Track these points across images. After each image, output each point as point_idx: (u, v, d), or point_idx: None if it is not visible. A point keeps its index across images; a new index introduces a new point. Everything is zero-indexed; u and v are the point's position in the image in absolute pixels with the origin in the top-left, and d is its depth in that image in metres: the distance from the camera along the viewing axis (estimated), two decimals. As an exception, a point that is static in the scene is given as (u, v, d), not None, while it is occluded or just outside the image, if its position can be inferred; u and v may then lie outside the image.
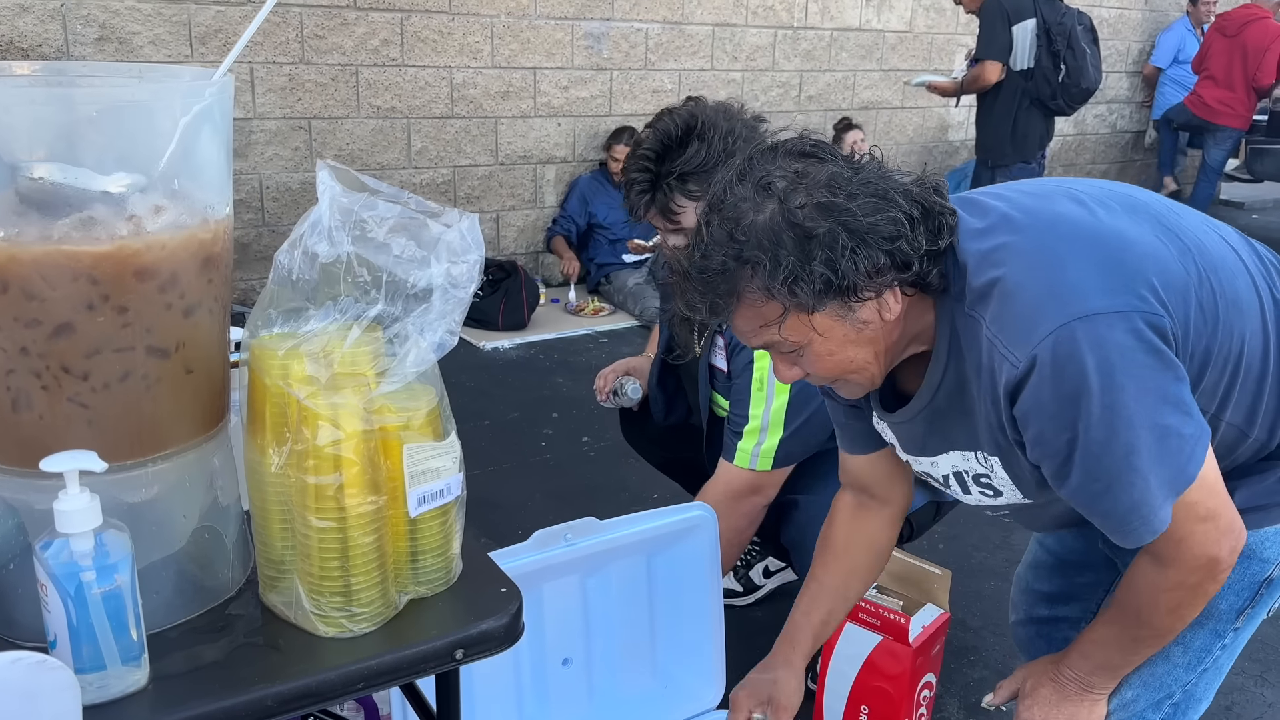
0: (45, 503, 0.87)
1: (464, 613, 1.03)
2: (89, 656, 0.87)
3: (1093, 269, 1.09)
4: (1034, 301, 1.08)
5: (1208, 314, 1.14)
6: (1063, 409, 1.06)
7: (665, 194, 1.71)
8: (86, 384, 0.90)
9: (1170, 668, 1.33)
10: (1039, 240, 1.12)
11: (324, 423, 0.93)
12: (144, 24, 4.08)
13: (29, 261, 0.85)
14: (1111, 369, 1.04)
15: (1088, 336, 1.05)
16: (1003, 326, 1.08)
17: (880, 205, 1.06)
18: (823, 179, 1.07)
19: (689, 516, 1.68)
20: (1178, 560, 1.15)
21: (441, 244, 0.97)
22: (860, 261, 1.04)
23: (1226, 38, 6.48)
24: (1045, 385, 1.06)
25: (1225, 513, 1.14)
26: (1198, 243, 1.18)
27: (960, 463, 1.27)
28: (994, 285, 1.09)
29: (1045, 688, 1.34)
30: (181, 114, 0.90)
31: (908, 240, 1.06)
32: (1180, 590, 1.17)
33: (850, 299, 1.07)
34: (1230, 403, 1.20)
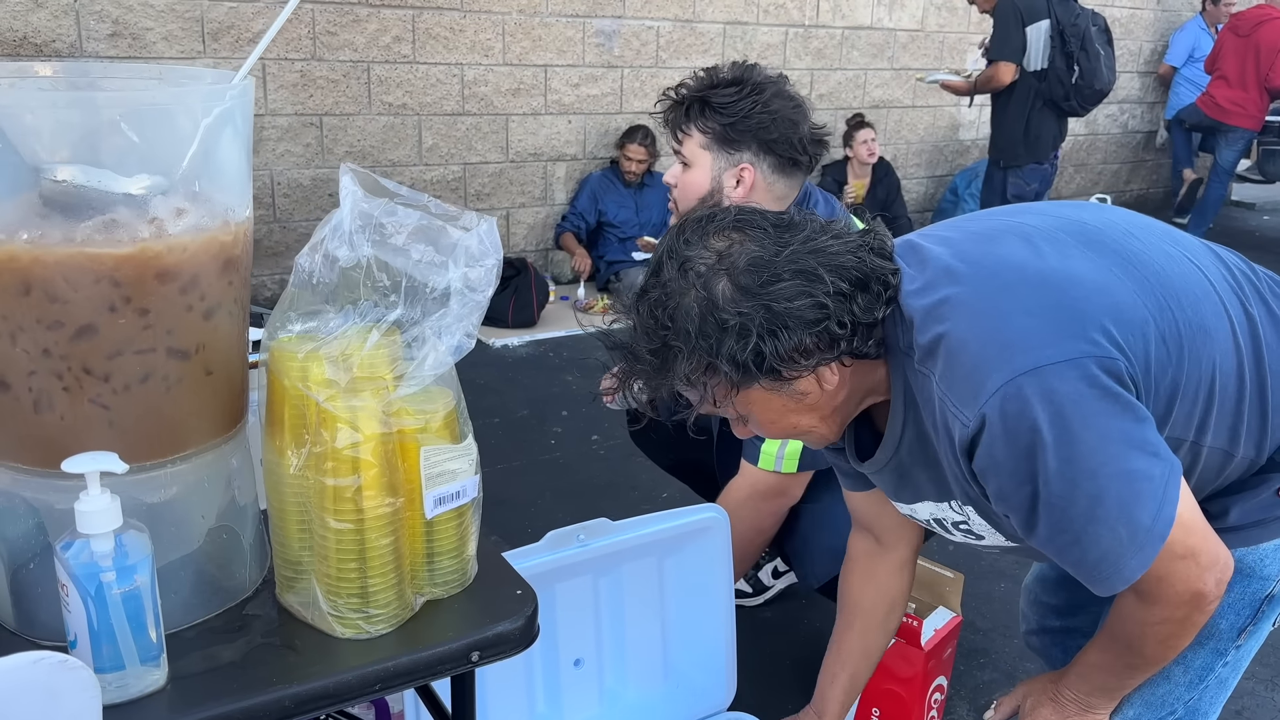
0: (65, 503, 0.87)
1: (480, 615, 1.04)
2: (109, 656, 0.88)
3: (1037, 317, 1.06)
4: (978, 357, 1.05)
5: (1171, 346, 1.10)
6: (1019, 465, 1.04)
7: (686, 114, 1.79)
8: (108, 385, 0.90)
9: (1172, 687, 1.31)
10: (980, 290, 1.09)
11: (343, 425, 0.94)
12: (156, 20, 4.09)
13: (52, 264, 0.85)
14: (1065, 421, 1.01)
15: (1036, 390, 1.02)
16: (950, 385, 1.06)
17: (803, 287, 1.04)
18: (743, 262, 1.06)
19: (701, 518, 1.68)
20: (1160, 598, 1.13)
21: (459, 248, 0.97)
22: (780, 345, 1.04)
23: (1239, 38, 6.44)
24: (997, 443, 1.04)
25: (1206, 548, 1.10)
26: (1158, 271, 1.14)
27: (936, 511, 1.26)
28: (939, 342, 1.07)
29: (1045, 708, 1.33)
30: (203, 116, 0.90)
31: (834, 319, 1.05)
32: (1168, 624, 1.15)
33: (779, 377, 1.07)
34: (1209, 428, 1.16)
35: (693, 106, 1.79)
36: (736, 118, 1.74)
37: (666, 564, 1.70)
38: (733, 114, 1.74)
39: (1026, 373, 1.02)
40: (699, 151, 1.80)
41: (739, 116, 1.74)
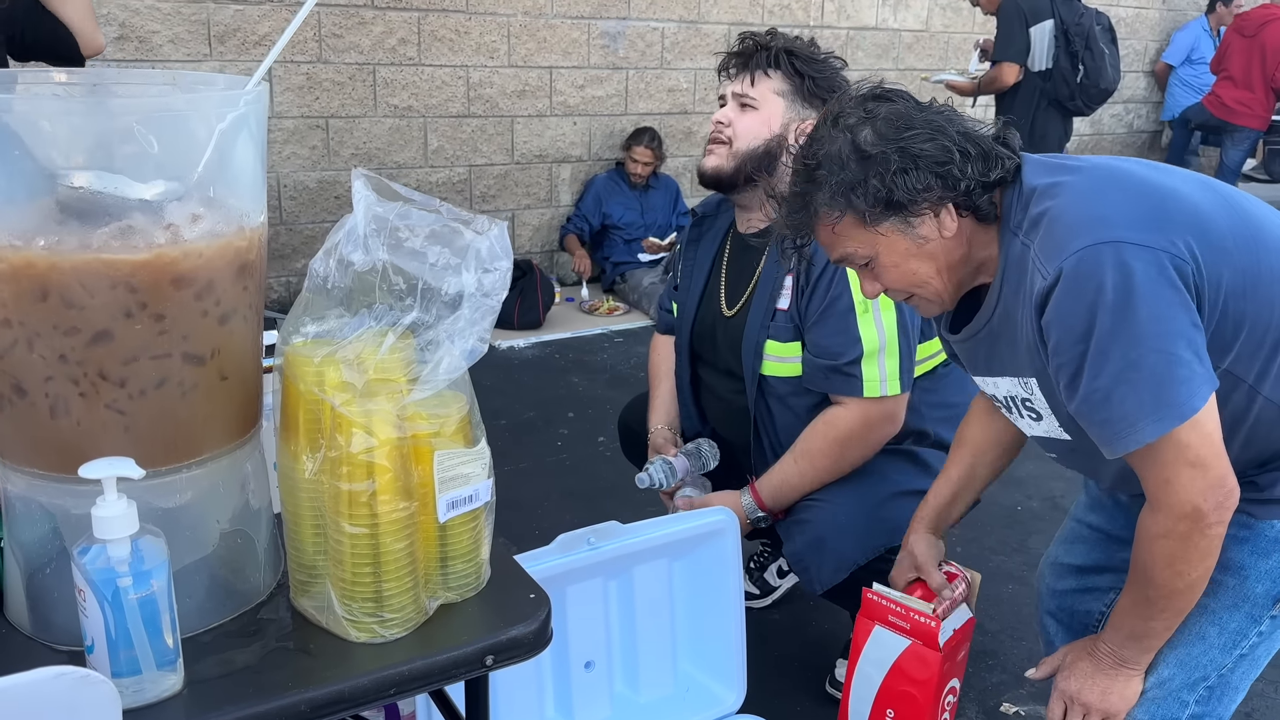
0: (81, 507, 0.88)
1: (494, 618, 1.04)
2: (125, 661, 0.88)
3: (1133, 208, 1.19)
4: (1072, 225, 1.19)
5: (1248, 279, 1.20)
6: (1078, 319, 1.16)
7: (774, 59, 1.88)
8: (124, 390, 0.91)
9: (1206, 647, 1.34)
10: (1093, 180, 1.24)
11: (358, 430, 0.94)
12: (163, 23, 4.10)
13: (69, 270, 0.86)
14: (1129, 290, 1.13)
15: (1112, 257, 1.14)
16: (1043, 246, 1.20)
17: (933, 136, 1.24)
18: (886, 114, 1.26)
19: (711, 521, 1.68)
20: (1163, 504, 1.20)
21: (472, 252, 0.98)
22: (910, 180, 1.22)
23: (1245, 38, 6.43)
24: (1066, 296, 1.16)
25: (1217, 465, 1.18)
26: (1257, 220, 1.26)
27: (1011, 388, 1.36)
28: (1044, 214, 1.22)
29: (1083, 661, 1.37)
30: (217, 122, 0.90)
31: (957, 166, 1.23)
32: (1170, 540, 1.21)
33: (906, 214, 1.24)
34: (1269, 377, 1.24)
35: (781, 54, 1.87)
36: (820, 76, 1.86)
37: (676, 567, 1.70)
38: (818, 71, 1.86)
39: (1108, 242, 1.15)
40: (772, 97, 1.87)
41: (823, 76, 1.86)
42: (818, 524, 1.86)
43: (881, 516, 1.88)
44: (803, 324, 1.87)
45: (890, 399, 1.84)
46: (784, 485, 1.89)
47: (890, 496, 1.89)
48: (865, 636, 1.65)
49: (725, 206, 2.09)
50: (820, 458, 1.86)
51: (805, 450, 1.87)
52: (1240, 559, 1.32)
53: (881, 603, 1.63)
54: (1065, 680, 1.38)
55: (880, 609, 1.63)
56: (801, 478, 1.88)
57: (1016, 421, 1.43)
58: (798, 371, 1.89)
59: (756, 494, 1.91)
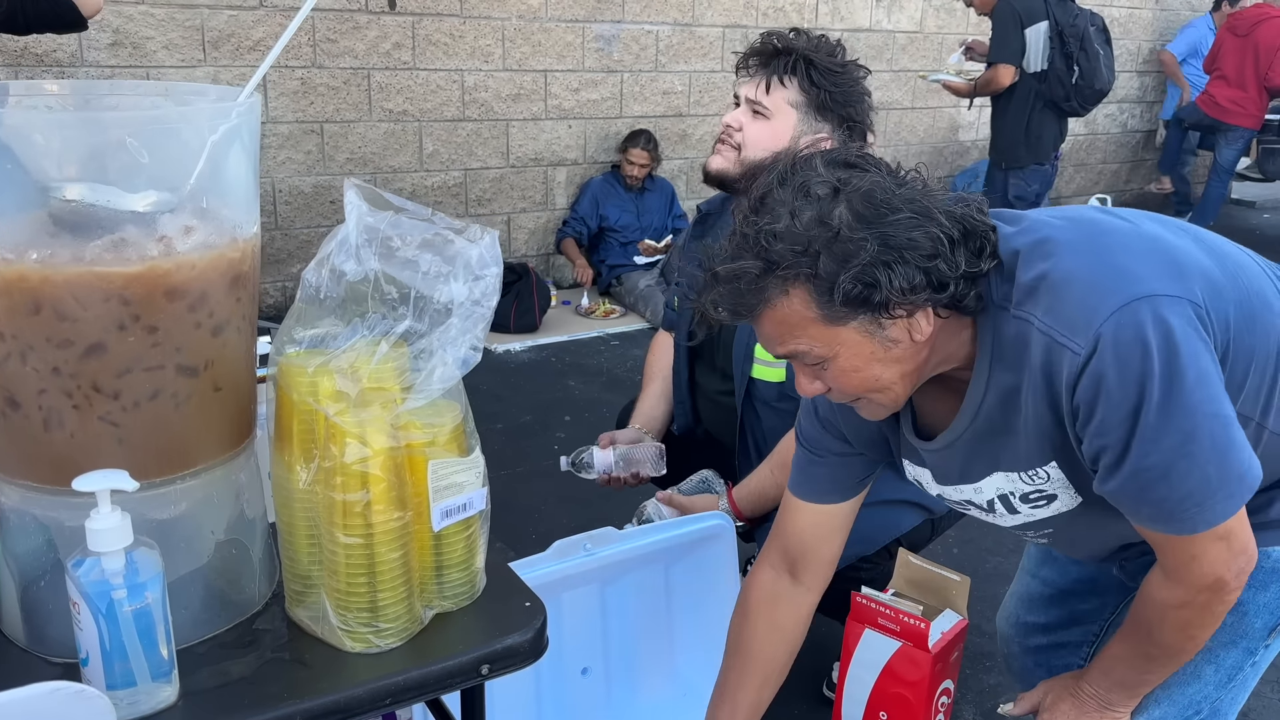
0: (75, 520, 0.88)
1: (489, 627, 1.04)
2: (120, 674, 0.88)
3: (1145, 258, 1.07)
4: (1090, 285, 1.04)
5: (1245, 313, 1.12)
6: (1127, 390, 1.02)
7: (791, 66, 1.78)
8: (117, 403, 0.91)
9: (1201, 685, 1.31)
10: (1083, 234, 1.11)
11: (352, 440, 0.94)
12: (157, 29, 4.10)
13: (61, 283, 0.86)
14: (1174, 351, 1.01)
15: (1150, 315, 1.02)
16: (1058, 316, 1.04)
17: (920, 221, 1.03)
18: (864, 188, 1.03)
19: (707, 525, 1.68)
20: (1185, 578, 1.12)
21: (461, 260, 0.98)
22: (895, 277, 1.01)
23: (1238, 37, 6.44)
24: (1109, 367, 1.02)
25: (1241, 533, 1.10)
26: (1221, 247, 1.19)
27: (1005, 484, 1.23)
28: (1042, 279, 1.06)
29: (1065, 703, 1.32)
30: (210, 133, 0.90)
31: (946, 260, 1.03)
32: (1188, 610, 1.15)
33: (881, 315, 1.04)
34: (1273, 409, 1.17)
35: (800, 62, 1.79)
36: (838, 89, 1.78)
37: (673, 572, 1.71)
38: (836, 84, 1.78)
39: (1142, 298, 1.02)
40: (786, 108, 1.80)
41: (840, 89, 1.78)
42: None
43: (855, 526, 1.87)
44: None
45: None
46: (760, 495, 1.89)
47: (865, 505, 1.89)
48: (856, 640, 1.65)
49: (730, 203, 2.09)
50: None
51: (781, 461, 1.86)
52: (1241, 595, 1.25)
53: (871, 606, 1.63)
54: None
55: (869, 612, 1.63)
56: (777, 487, 1.86)
57: (1000, 521, 1.30)
58: (783, 378, 1.89)
59: (733, 502, 1.92)
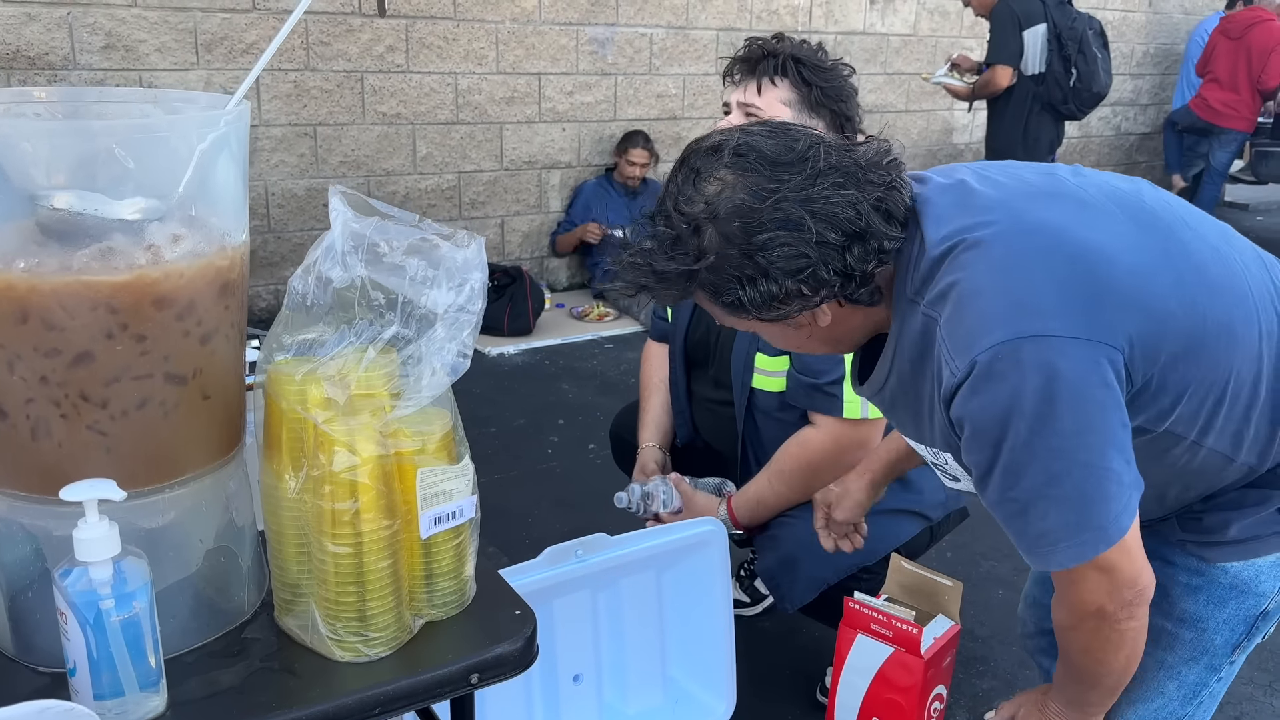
0: (63, 529, 0.87)
1: (479, 636, 1.04)
2: (108, 684, 0.88)
3: (1060, 290, 1.03)
4: (986, 309, 1.03)
5: (1192, 344, 1.08)
6: (991, 424, 1.03)
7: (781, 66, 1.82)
8: (105, 412, 0.90)
9: (1165, 701, 1.31)
10: (1011, 247, 1.06)
11: (340, 448, 0.94)
12: (150, 32, 4.09)
13: (49, 292, 0.85)
14: (1053, 396, 0.99)
15: (1034, 357, 1.00)
16: (952, 332, 1.05)
17: (784, 238, 1.04)
18: (728, 210, 1.06)
19: (699, 531, 1.68)
20: (1066, 602, 1.13)
21: (445, 265, 0.97)
22: (758, 293, 1.06)
23: (1231, 40, 6.47)
24: (977, 396, 1.02)
25: (1125, 567, 1.08)
26: (1199, 266, 1.12)
27: (924, 453, 1.27)
28: (953, 287, 1.06)
29: (1033, 717, 1.32)
30: (198, 141, 0.90)
31: (821, 267, 1.05)
32: (1080, 634, 1.15)
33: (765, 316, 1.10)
34: (1213, 430, 1.14)
35: (789, 62, 1.82)
36: (829, 85, 1.81)
37: (665, 578, 1.70)
38: (826, 80, 1.81)
39: (1030, 337, 1.00)
40: (779, 107, 1.82)
41: (831, 85, 1.81)
42: (789, 542, 1.86)
43: None
44: None
45: (867, 423, 1.84)
46: (758, 504, 1.89)
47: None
48: (849, 645, 1.65)
49: None
50: (792, 478, 1.86)
51: (778, 470, 1.87)
52: (1196, 610, 1.26)
53: (864, 611, 1.63)
54: None
55: (862, 618, 1.63)
56: (776, 497, 1.88)
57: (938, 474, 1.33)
58: (784, 387, 1.89)
59: (732, 512, 1.92)
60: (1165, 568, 1.25)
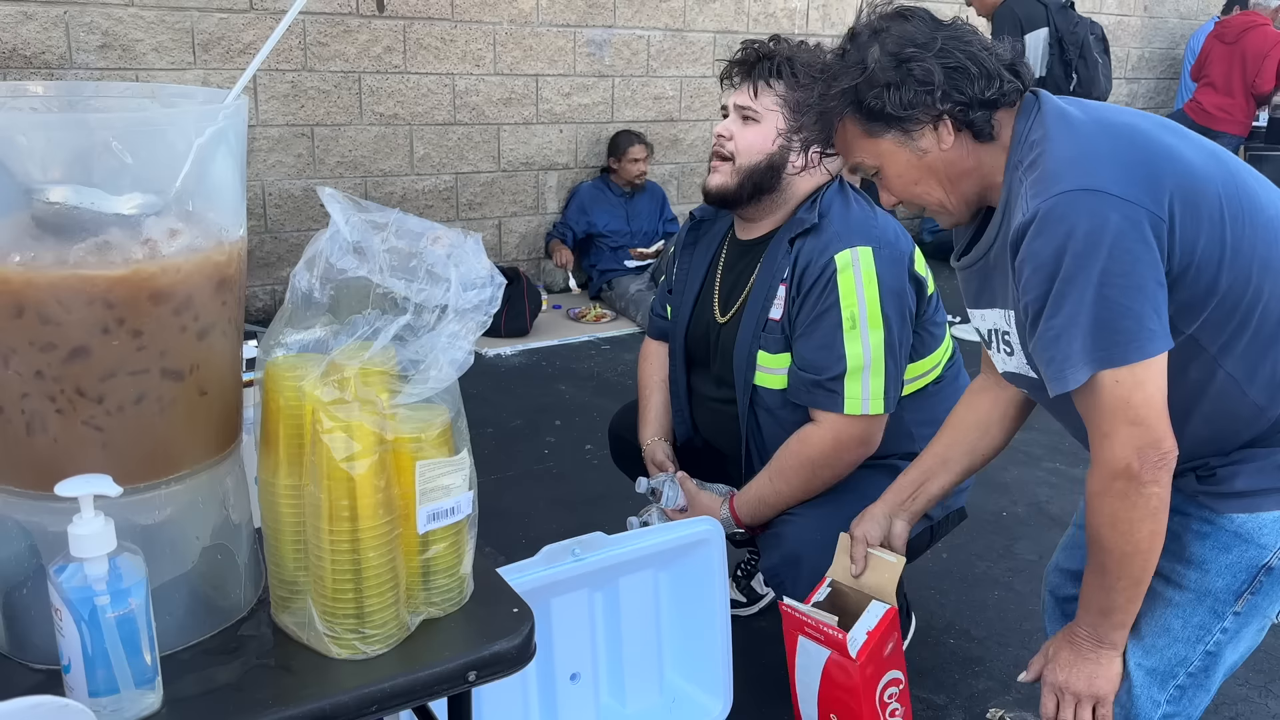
0: (58, 525, 0.87)
1: (476, 634, 1.03)
2: (103, 680, 0.87)
3: (1123, 160, 1.21)
4: (1058, 167, 1.22)
5: (1227, 251, 1.23)
6: (1046, 260, 1.19)
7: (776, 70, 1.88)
8: (101, 407, 0.90)
9: (1170, 640, 1.37)
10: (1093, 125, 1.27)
11: (339, 443, 0.93)
12: (147, 31, 4.09)
13: (45, 286, 0.85)
14: (1098, 240, 1.17)
15: (1088, 206, 1.17)
16: (1031, 183, 1.24)
17: (934, 54, 1.29)
18: (896, 33, 1.32)
19: (696, 531, 1.68)
20: (1099, 459, 1.23)
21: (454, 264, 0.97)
22: (901, 94, 1.29)
23: (1226, 45, 6.48)
24: (1038, 236, 1.20)
25: (1156, 426, 1.21)
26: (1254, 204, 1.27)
27: (996, 320, 1.40)
28: (1041, 153, 1.25)
29: (1064, 651, 1.38)
30: (196, 135, 0.90)
31: (951, 83, 1.28)
32: (1108, 498, 1.24)
33: (903, 126, 1.31)
34: (1233, 351, 1.27)
35: (784, 64, 1.85)
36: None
37: (662, 577, 1.70)
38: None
39: (1089, 190, 1.18)
40: (774, 111, 1.86)
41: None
42: (793, 540, 1.85)
43: None
44: (791, 334, 1.86)
45: (869, 419, 1.83)
46: (760, 502, 1.89)
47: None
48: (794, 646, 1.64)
49: (724, 211, 2.08)
50: (793, 475, 1.85)
51: (779, 468, 1.87)
52: (1201, 554, 1.35)
53: (796, 615, 1.61)
54: (1051, 672, 1.39)
55: (797, 621, 1.62)
56: (777, 495, 1.87)
57: (994, 357, 1.47)
58: (785, 384, 1.89)
59: (734, 511, 1.91)
60: (1180, 518, 1.36)
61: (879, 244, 1.81)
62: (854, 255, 1.78)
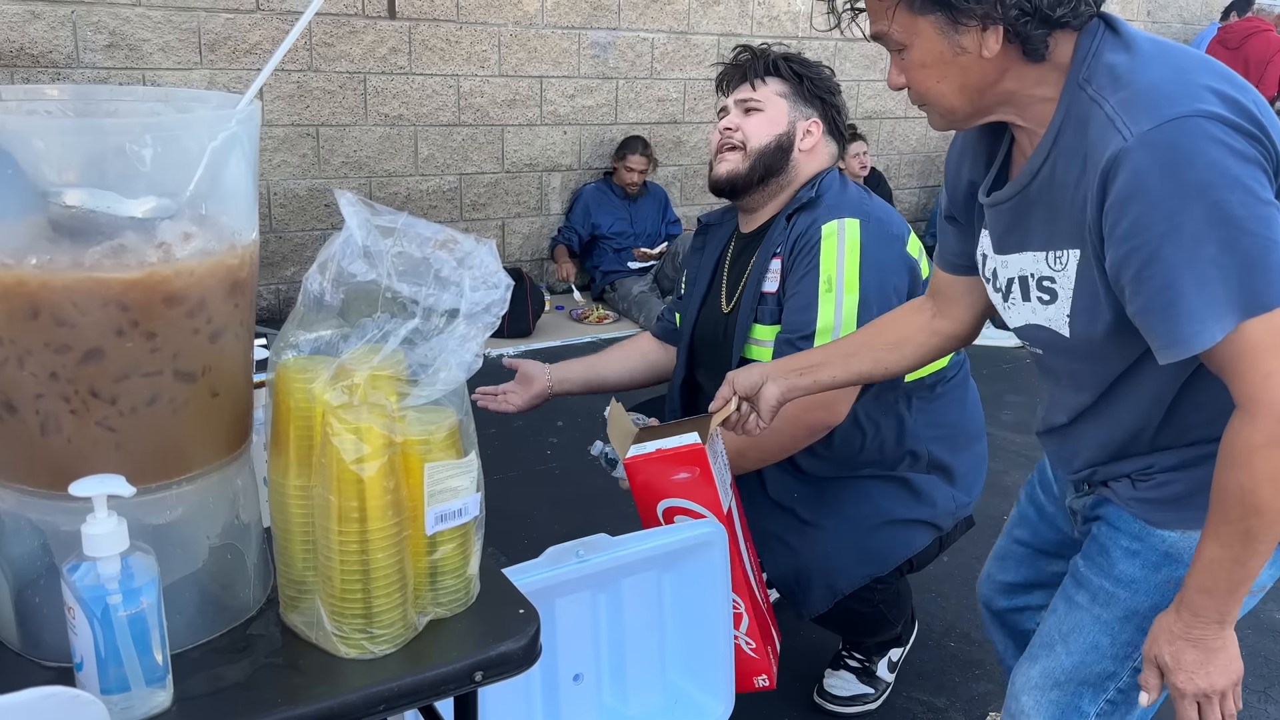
0: (71, 524, 0.88)
1: (483, 634, 1.04)
2: (115, 679, 0.88)
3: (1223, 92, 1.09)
4: (1169, 87, 1.08)
5: None
6: (1170, 193, 1.05)
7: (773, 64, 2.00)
8: (114, 408, 0.91)
9: (1099, 656, 1.33)
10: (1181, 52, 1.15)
11: (348, 444, 0.94)
12: (154, 31, 4.10)
13: (60, 288, 0.86)
14: (1226, 167, 1.04)
15: (1212, 133, 1.04)
16: (1127, 104, 1.09)
17: None
18: None
19: (700, 533, 1.69)
20: (1264, 402, 1.07)
21: (467, 268, 0.99)
22: None
23: (1229, 50, 6.50)
24: (1154, 168, 1.06)
25: None
26: None
27: (1029, 264, 1.27)
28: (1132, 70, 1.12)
29: (1188, 653, 1.21)
30: (209, 140, 0.91)
31: None
32: (1275, 448, 1.08)
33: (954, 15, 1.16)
34: None
35: (778, 60, 2.00)
36: (818, 77, 2.00)
37: (665, 579, 1.71)
38: (815, 74, 2.00)
39: (1210, 116, 1.05)
40: (775, 98, 1.98)
41: (820, 79, 2.00)
42: (805, 553, 1.87)
43: (869, 546, 1.88)
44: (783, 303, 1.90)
45: None
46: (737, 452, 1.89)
47: (879, 525, 1.90)
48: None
49: (730, 214, 2.12)
50: None
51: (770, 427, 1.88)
52: (1131, 573, 1.31)
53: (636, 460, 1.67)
54: (1188, 682, 1.22)
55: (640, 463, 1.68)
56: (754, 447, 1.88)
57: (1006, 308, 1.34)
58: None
59: None
60: (1110, 531, 1.34)
61: (867, 218, 1.87)
62: (840, 225, 1.85)
